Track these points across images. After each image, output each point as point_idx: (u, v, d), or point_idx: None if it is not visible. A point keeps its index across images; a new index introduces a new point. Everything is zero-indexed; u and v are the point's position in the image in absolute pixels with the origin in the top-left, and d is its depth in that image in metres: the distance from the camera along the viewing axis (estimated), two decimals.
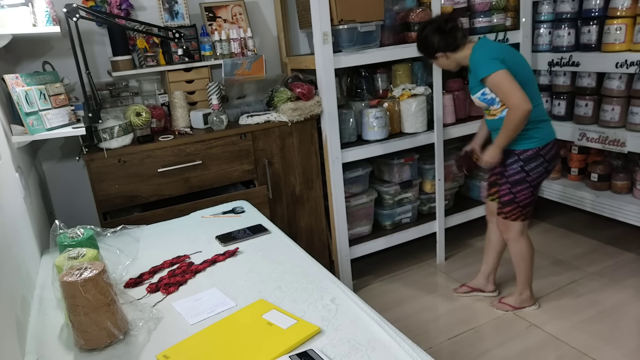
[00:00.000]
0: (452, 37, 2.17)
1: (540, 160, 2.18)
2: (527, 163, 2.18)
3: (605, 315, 2.37)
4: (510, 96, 2.04)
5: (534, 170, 2.19)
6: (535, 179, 2.21)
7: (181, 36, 2.38)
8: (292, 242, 1.67)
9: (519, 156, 2.19)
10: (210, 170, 2.40)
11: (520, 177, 2.20)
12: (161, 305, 1.34)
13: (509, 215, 2.29)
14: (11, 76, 1.90)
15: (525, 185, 2.21)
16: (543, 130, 2.19)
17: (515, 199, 2.23)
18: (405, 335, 1.11)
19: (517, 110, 2.03)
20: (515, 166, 2.20)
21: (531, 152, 2.17)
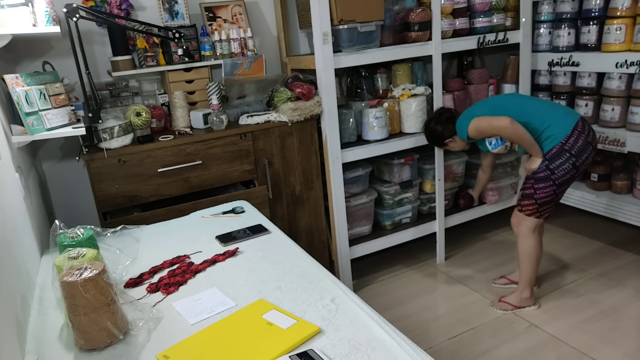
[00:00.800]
0: (451, 124, 2.49)
1: (567, 156, 2.19)
2: (553, 161, 2.20)
3: (605, 315, 2.37)
4: (491, 126, 2.26)
5: (559, 168, 2.19)
6: (561, 176, 2.21)
7: (181, 36, 2.38)
8: (292, 242, 1.67)
9: (546, 156, 2.23)
10: (210, 170, 2.40)
11: (544, 175, 2.22)
12: (161, 305, 1.34)
13: (524, 209, 2.32)
14: (11, 76, 1.90)
15: (548, 182, 2.22)
16: (555, 128, 2.21)
17: (535, 194, 2.26)
18: (405, 335, 1.11)
19: (504, 129, 2.22)
20: (542, 165, 2.23)
21: (555, 149, 2.20)
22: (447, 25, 2.69)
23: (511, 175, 3.13)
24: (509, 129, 2.20)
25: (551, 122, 2.23)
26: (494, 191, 3.09)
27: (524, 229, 2.35)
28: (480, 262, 2.98)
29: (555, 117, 2.25)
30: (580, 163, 2.21)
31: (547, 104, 2.37)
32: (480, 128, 2.31)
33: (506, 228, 3.37)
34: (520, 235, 2.37)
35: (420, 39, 2.64)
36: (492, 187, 3.08)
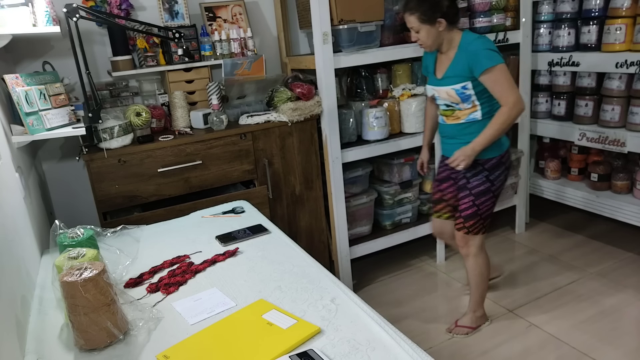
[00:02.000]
0: (457, 8, 2.03)
1: (503, 168, 2.11)
2: (492, 172, 2.09)
3: (605, 315, 2.37)
4: (511, 91, 1.93)
5: (497, 179, 2.10)
6: (498, 187, 2.12)
7: (181, 36, 2.38)
8: (292, 242, 1.67)
9: (484, 166, 2.09)
10: (210, 170, 2.40)
11: (485, 188, 2.10)
12: (161, 305, 1.34)
13: (471, 229, 2.17)
14: (11, 76, 1.90)
15: (489, 195, 2.12)
16: (502, 138, 2.09)
17: (479, 211, 2.13)
18: (405, 335, 1.11)
19: (516, 107, 1.93)
20: (481, 176, 2.09)
21: (495, 161, 2.08)
22: None
23: (511, 175, 3.13)
24: (515, 112, 1.93)
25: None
26: None
27: (474, 249, 2.21)
28: None
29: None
30: (508, 176, 2.16)
31: None
32: (504, 81, 1.93)
33: (506, 228, 3.37)
34: (471, 256, 2.23)
35: None
36: None
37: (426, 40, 2.04)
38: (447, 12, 1.98)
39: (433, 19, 1.98)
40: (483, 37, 2.02)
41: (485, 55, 1.93)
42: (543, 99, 3.19)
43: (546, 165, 3.30)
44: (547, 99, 3.19)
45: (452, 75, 2.02)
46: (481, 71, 1.93)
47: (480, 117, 2.05)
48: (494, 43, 1.99)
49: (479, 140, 1.99)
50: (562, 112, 3.09)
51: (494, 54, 1.94)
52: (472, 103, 2.03)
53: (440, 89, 2.06)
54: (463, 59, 1.99)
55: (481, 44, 1.97)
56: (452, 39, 2.04)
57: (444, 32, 2.02)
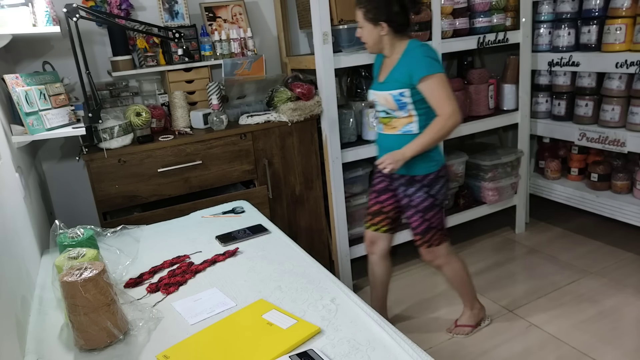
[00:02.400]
0: (406, 19, 1.94)
1: (442, 181, 2.06)
2: (432, 187, 2.03)
3: (605, 315, 2.37)
4: (448, 102, 1.87)
5: (439, 193, 2.05)
6: (442, 199, 2.08)
7: (181, 36, 2.38)
8: (292, 242, 1.67)
9: (422, 182, 2.02)
10: (210, 170, 2.40)
11: (429, 203, 2.04)
12: (161, 305, 1.34)
13: (432, 242, 2.11)
14: (11, 76, 1.90)
15: (436, 209, 2.06)
16: (438, 153, 2.05)
17: (431, 224, 2.08)
18: (405, 335, 1.11)
19: (451, 118, 1.87)
20: (421, 193, 2.03)
21: (432, 176, 2.02)
22: (447, 25, 2.69)
23: (511, 175, 3.13)
24: (452, 122, 1.88)
25: (439, 148, 2.06)
26: (493, 191, 3.09)
27: (442, 259, 2.16)
28: (480, 262, 2.98)
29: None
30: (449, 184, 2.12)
31: None
32: (441, 90, 1.88)
33: (506, 228, 3.37)
34: (443, 266, 2.19)
35: (420, 39, 2.64)
36: (492, 187, 3.08)
37: (367, 39, 1.98)
38: (392, 19, 1.90)
39: (375, 20, 1.91)
40: (426, 46, 1.96)
41: (425, 62, 1.88)
42: (543, 99, 3.19)
43: (546, 165, 3.30)
44: (547, 99, 3.19)
45: (392, 81, 1.96)
46: (419, 78, 1.88)
47: (416, 130, 1.97)
48: (437, 52, 1.95)
49: (411, 146, 1.93)
50: (562, 112, 3.09)
51: (434, 63, 1.89)
52: (408, 112, 1.96)
53: (379, 93, 1.99)
54: (404, 66, 1.93)
55: (423, 51, 1.91)
56: (396, 46, 1.97)
57: (387, 38, 1.94)
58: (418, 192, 2.03)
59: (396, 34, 1.94)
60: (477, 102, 3.01)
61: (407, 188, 2.05)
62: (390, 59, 2.00)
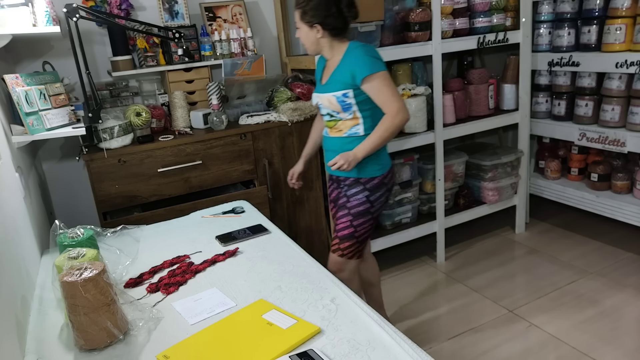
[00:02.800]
0: (343, 23, 1.88)
1: (384, 190, 1.99)
2: (373, 193, 1.96)
3: (605, 315, 2.37)
4: (394, 99, 1.83)
5: (378, 201, 1.98)
6: (378, 209, 2.00)
7: (181, 36, 2.38)
8: (292, 242, 1.67)
9: (365, 185, 1.96)
10: (210, 170, 2.40)
11: (364, 209, 1.96)
12: (161, 305, 1.34)
13: (346, 253, 2.01)
14: (11, 76, 1.90)
15: (368, 217, 1.98)
16: (385, 157, 2.01)
17: (356, 232, 1.98)
18: (405, 335, 1.11)
19: (399, 115, 1.83)
20: (361, 196, 1.96)
21: (377, 181, 1.96)
22: (447, 25, 2.69)
23: (511, 175, 3.13)
24: (399, 120, 1.83)
25: (385, 151, 2.01)
26: (494, 191, 3.09)
27: (347, 274, 2.03)
28: (480, 262, 2.98)
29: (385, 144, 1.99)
30: (389, 198, 2.05)
31: None
32: (386, 88, 1.83)
33: (506, 228, 3.37)
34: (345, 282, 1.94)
35: (420, 39, 2.64)
36: (492, 187, 3.08)
37: (304, 40, 1.94)
38: (327, 22, 1.85)
39: (311, 23, 1.87)
40: (367, 45, 1.91)
41: (367, 61, 1.83)
42: (543, 99, 3.19)
43: (546, 165, 3.30)
44: (547, 99, 3.19)
45: (334, 82, 1.91)
46: (362, 77, 1.83)
47: (362, 132, 1.93)
48: (378, 52, 1.90)
49: (362, 147, 1.87)
50: (562, 112, 3.09)
51: (376, 61, 1.85)
52: (353, 114, 1.91)
53: (323, 95, 1.94)
54: (346, 66, 1.88)
55: (364, 51, 1.86)
56: (335, 48, 1.92)
57: (325, 40, 1.90)
58: (359, 195, 1.97)
59: (334, 37, 1.89)
60: (477, 102, 3.01)
61: (349, 188, 1.99)
62: (331, 61, 1.95)
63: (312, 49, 1.95)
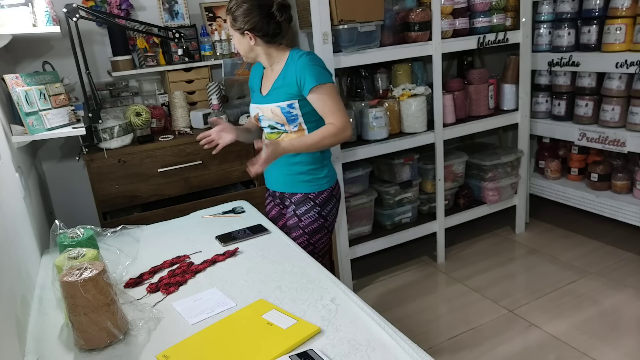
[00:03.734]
0: (277, 28, 1.77)
1: (334, 201, 1.94)
2: (324, 207, 1.90)
3: (605, 315, 2.37)
4: (341, 113, 1.75)
5: (330, 214, 1.92)
6: (331, 222, 1.95)
7: (181, 36, 2.38)
8: (292, 242, 1.67)
9: (314, 201, 1.88)
10: (210, 170, 2.40)
11: (318, 225, 1.90)
12: (161, 305, 1.34)
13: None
14: (11, 76, 1.91)
15: (324, 232, 1.92)
16: (332, 169, 1.95)
17: (315, 249, 1.92)
18: (405, 335, 1.11)
19: (345, 131, 1.75)
20: (312, 213, 1.88)
21: (326, 194, 1.90)
22: (447, 25, 2.69)
23: (511, 175, 3.13)
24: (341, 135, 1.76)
25: (330, 163, 1.95)
26: (494, 191, 3.09)
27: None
28: (480, 262, 2.98)
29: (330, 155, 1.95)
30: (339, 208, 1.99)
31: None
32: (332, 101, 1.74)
33: (507, 228, 3.37)
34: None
35: (420, 39, 2.64)
36: (492, 187, 3.08)
37: (238, 47, 1.84)
38: (258, 28, 1.74)
39: (241, 30, 1.76)
40: (312, 54, 1.82)
41: (314, 71, 1.73)
42: (543, 99, 3.19)
43: (546, 165, 3.30)
44: (547, 99, 3.19)
45: (278, 92, 1.81)
46: (309, 89, 1.73)
47: None
48: (323, 60, 1.81)
49: (293, 143, 1.77)
50: (562, 112, 3.09)
51: (323, 72, 1.76)
52: (298, 125, 1.82)
53: (264, 106, 1.84)
54: (290, 75, 1.78)
55: (309, 60, 1.76)
56: (274, 56, 1.84)
57: (260, 48, 1.80)
58: (309, 212, 1.88)
59: (269, 43, 1.80)
60: (477, 102, 3.01)
61: (298, 207, 1.90)
62: (271, 69, 1.86)
63: (247, 56, 1.84)
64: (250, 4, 1.72)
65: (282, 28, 1.78)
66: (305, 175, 1.87)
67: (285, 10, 1.77)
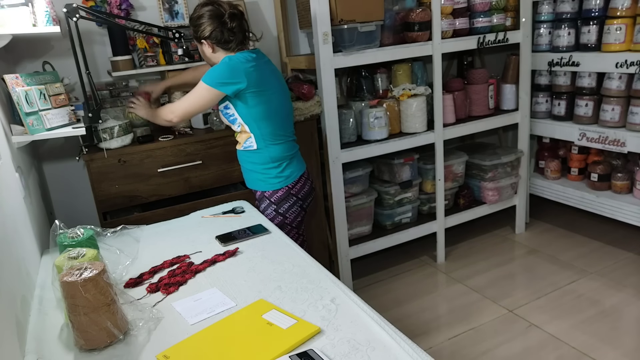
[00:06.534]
0: (230, 35, 1.91)
1: (294, 200, 2.02)
2: (280, 205, 2.01)
3: (605, 315, 2.37)
4: (181, 103, 1.94)
5: (289, 211, 2.02)
6: (294, 219, 2.04)
7: (181, 36, 2.38)
8: (292, 242, 1.67)
9: (270, 199, 2.01)
10: (210, 170, 2.40)
11: (278, 222, 2.00)
12: (161, 305, 1.33)
13: None
14: (11, 76, 1.90)
15: (287, 229, 2.03)
16: (289, 168, 2.02)
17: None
18: (405, 335, 1.11)
19: (168, 113, 1.95)
20: (270, 211, 2.01)
21: (282, 193, 2.01)
22: (447, 25, 2.69)
23: (511, 175, 3.13)
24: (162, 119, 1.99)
25: (287, 165, 2.02)
26: (494, 191, 3.09)
27: None
28: (480, 262, 2.98)
29: (295, 151, 2.05)
30: (307, 205, 2.08)
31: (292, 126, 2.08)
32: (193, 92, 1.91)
33: (506, 228, 3.37)
34: None
35: (420, 39, 2.64)
36: (492, 187, 3.08)
37: (204, 55, 2.01)
38: (212, 36, 1.90)
39: (199, 39, 1.94)
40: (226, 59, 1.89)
41: (212, 70, 1.89)
42: (543, 99, 3.19)
43: (546, 165, 3.30)
44: (547, 99, 3.19)
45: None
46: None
47: (256, 146, 1.99)
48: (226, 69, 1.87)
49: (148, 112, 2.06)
50: (562, 112, 3.09)
51: (216, 74, 1.87)
52: (240, 126, 1.97)
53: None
54: None
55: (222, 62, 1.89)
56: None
57: (218, 55, 1.95)
58: (267, 210, 2.03)
59: (227, 50, 1.94)
60: (477, 102, 3.01)
61: (260, 203, 2.06)
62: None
63: (212, 62, 1.98)
64: (206, 15, 1.89)
65: (235, 34, 1.92)
66: (259, 174, 2.02)
67: (235, 18, 1.91)
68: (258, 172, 2.02)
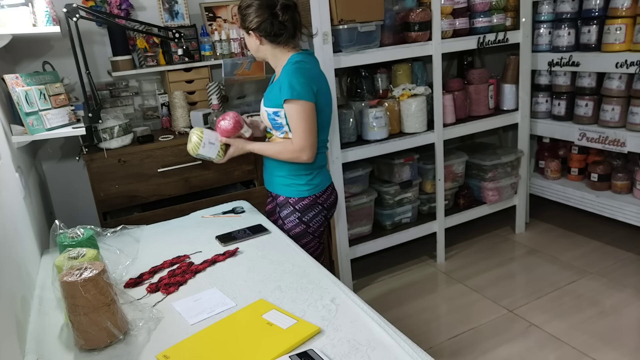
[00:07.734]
0: (281, 28, 1.74)
1: (319, 209, 1.89)
2: (305, 213, 1.87)
3: (605, 315, 2.37)
4: (300, 134, 1.73)
5: (313, 220, 1.88)
6: (316, 229, 1.91)
7: (181, 36, 2.38)
8: (292, 242, 1.67)
9: (295, 206, 1.86)
10: (210, 170, 2.40)
11: (300, 230, 1.87)
12: (161, 305, 1.34)
13: None
14: (11, 76, 1.90)
15: (309, 238, 1.90)
16: (319, 177, 1.89)
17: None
18: (405, 335, 1.11)
19: (302, 154, 1.75)
20: (293, 218, 1.87)
21: (308, 201, 1.87)
22: (447, 25, 2.69)
23: (511, 175, 3.13)
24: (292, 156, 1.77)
25: (319, 174, 1.89)
26: (494, 191, 3.09)
27: None
28: (480, 262, 2.98)
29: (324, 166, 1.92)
30: (330, 216, 1.96)
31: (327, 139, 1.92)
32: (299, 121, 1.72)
33: (506, 228, 3.37)
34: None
35: (420, 39, 2.64)
36: (492, 187, 3.08)
37: (249, 47, 1.84)
38: (262, 28, 1.73)
39: (247, 29, 1.77)
40: (301, 63, 1.76)
41: (293, 83, 1.70)
42: (543, 99, 3.19)
43: (546, 165, 3.30)
44: (547, 99, 3.19)
45: (269, 97, 1.82)
46: (283, 100, 1.72)
47: None
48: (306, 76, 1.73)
49: (261, 147, 1.85)
50: (562, 112, 3.09)
51: (301, 86, 1.70)
52: (285, 134, 1.81)
53: (262, 109, 1.87)
54: (279, 82, 1.77)
55: (295, 69, 1.73)
56: (278, 57, 1.81)
57: (265, 48, 1.79)
58: (290, 217, 1.88)
59: (275, 44, 1.77)
60: (477, 102, 3.01)
61: (281, 209, 1.90)
62: (276, 72, 1.86)
63: (257, 56, 1.85)
64: (256, 4, 1.71)
65: (286, 28, 1.74)
66: (286, 179, 1.87)
67: (288, 10, 1.73)
68: (285, 177, 1.87)
